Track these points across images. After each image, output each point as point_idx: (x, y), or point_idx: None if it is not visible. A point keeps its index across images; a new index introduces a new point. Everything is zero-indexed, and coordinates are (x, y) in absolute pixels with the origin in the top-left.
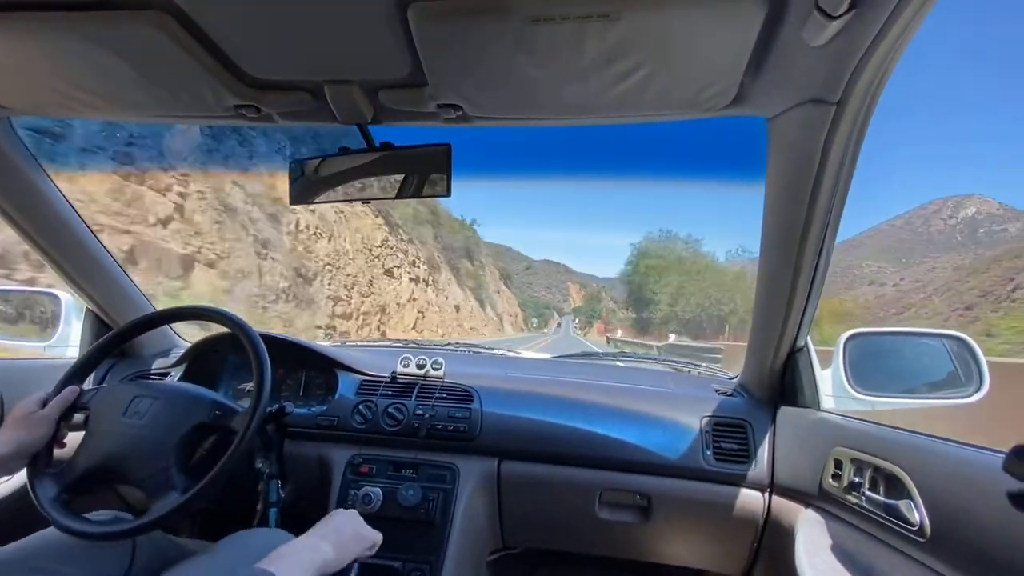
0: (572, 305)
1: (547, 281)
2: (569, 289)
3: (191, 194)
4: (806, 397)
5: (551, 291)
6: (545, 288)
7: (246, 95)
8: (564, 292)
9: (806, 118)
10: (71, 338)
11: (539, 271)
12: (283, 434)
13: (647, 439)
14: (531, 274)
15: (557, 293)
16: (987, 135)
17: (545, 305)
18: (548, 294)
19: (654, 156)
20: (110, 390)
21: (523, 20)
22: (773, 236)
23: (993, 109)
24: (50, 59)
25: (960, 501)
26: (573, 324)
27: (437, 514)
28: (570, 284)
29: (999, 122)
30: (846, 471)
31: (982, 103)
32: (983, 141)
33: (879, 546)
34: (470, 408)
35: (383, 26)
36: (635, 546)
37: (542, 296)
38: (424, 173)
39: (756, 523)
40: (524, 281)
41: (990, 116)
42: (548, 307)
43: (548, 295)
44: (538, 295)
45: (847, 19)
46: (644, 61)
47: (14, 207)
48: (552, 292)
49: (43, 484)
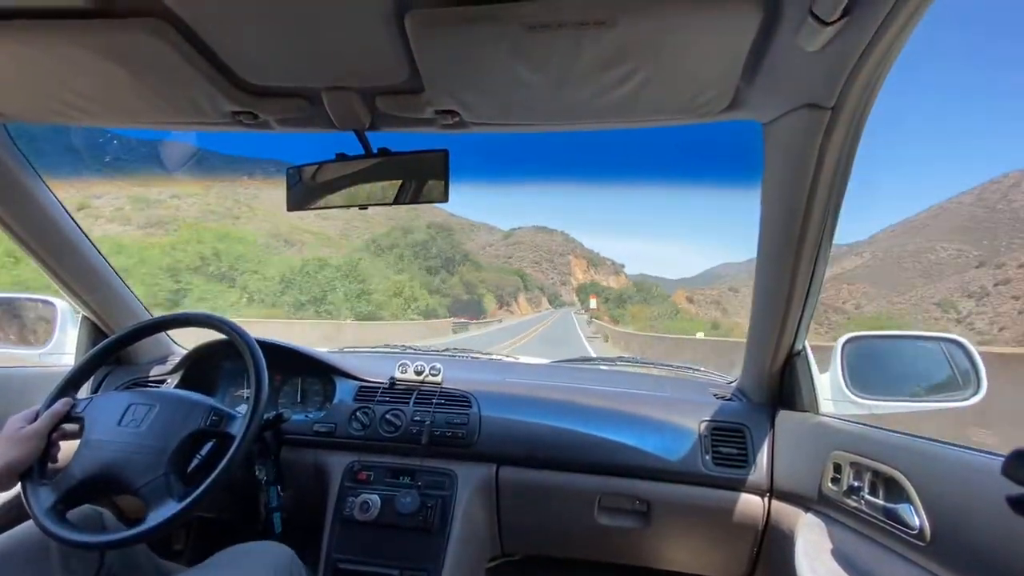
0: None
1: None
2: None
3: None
4: (804, 401)
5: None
6: (533, 263)
7: (244, 102)
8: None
9: (801, 123)
10: (67, 346)
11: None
12: (280, 441)
13: (646, 444)
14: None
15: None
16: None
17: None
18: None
19: (651, 162)
20: (105, 399)
21: (520, 27)
22: (770, 240)
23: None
24: (47, 66)
25: (960, 505)
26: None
27: (435, 521)
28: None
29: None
30: (845, 475)
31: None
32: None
33: (879, 550)
34: (468, 414)
35: (381, 33)
36: (635, 552)
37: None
38: (421, 178)
39: (756, 528)
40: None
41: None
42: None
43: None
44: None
45: (841, 25)
46: (640, 67)
47: (10, 213)
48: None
49: (37, 496)
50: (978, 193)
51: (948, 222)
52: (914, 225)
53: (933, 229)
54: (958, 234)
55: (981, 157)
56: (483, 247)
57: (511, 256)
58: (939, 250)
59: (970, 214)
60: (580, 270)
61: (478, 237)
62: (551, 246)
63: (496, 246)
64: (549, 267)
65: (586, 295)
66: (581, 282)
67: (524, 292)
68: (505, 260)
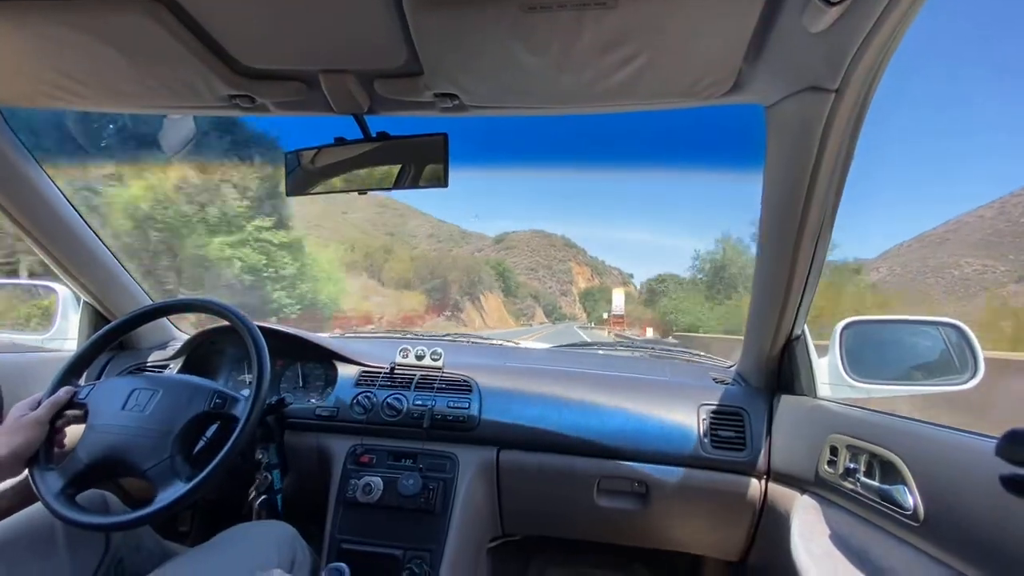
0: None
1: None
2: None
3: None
4: (803, 385)
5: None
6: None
7: (240, 85)
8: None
9: (805, 106)
10: (69, 332)
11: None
12: (283, 425)
13: (645, 427)
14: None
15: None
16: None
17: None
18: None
19: (653, 144)
20: (107, 385)
21: (520, 8)
22: (771, 224)
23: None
24: (41, 49)
25: (953, 486)
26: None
27: (437, 503)
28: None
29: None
30: (842, 457)
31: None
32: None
33: (873, 530)
34: (469, 398)
35: (379, 15)
36: (633, 533)
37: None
38: (421, 163)
39: (753, 509)
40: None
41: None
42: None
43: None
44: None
45: (846, 5)
46: (641, 49)
47: (8, 199)
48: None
49: (45, 480)
50: (999, 207)
51: (969, 236)
52: (932, 240)
53: (954, 243)
54: (980, 248)
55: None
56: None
57: (502, 262)
58: (964, 265)
59: (993, 228)
60: (583, 279)
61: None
62: (549, 251)
63: (486, 251)
64: (547, 274)
65: (595, 301)
66: (584, 289)
67: (503, 295)
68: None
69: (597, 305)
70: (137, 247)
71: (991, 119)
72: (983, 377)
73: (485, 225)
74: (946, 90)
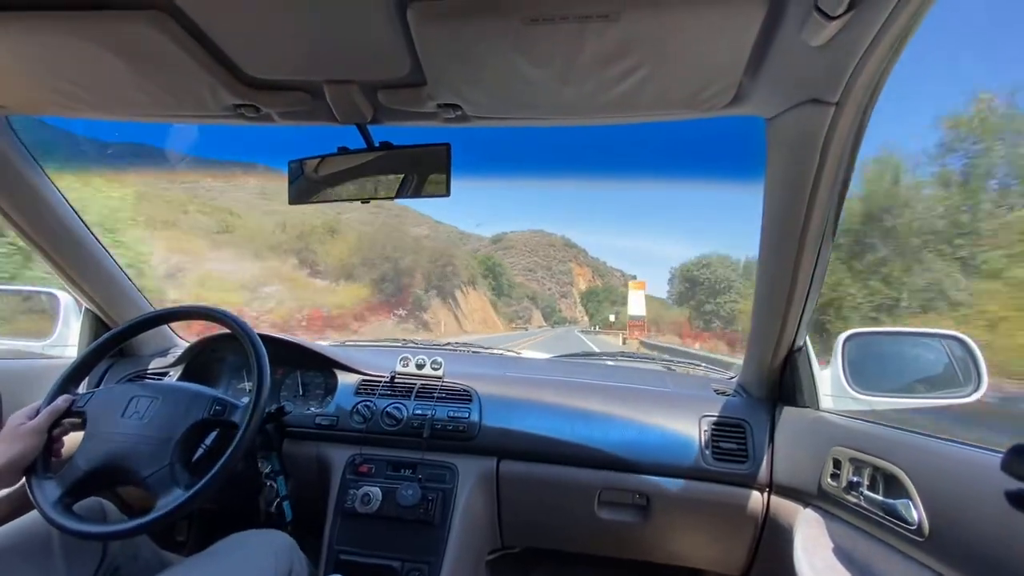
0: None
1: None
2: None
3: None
4: (805, 397)
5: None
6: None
7: (245, 95)
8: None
9: (805, 118)
10: (70, 338)
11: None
12: (283, 434)
13: (646, 439)
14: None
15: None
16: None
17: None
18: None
19: (654, 156)
20: (107, 392)
21: (522, 20)
22: (772, 236)
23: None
24: (48, 58)
25: (958, 500)
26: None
27: (436, 513)
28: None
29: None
30: (845, 471)
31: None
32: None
33: (877, 545)
34: (469, 408)
35: (383, 26)
36: (634, 546)
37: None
38: (424, 173)
39: (755, 523)
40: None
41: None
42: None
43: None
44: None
45: (846, 19)
46: (643, 61)
47: (12, 206)
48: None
49: (43, 489)
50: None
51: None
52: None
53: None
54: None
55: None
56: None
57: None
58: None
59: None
60: (584, 280)
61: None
62: (549, 251)
63: (483, 251)
64: (546, 275)
65: (598, 303)
66: (586, 291)
67: (491, 293)
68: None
69: (600, 307)
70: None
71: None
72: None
73: (485, 227)
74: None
